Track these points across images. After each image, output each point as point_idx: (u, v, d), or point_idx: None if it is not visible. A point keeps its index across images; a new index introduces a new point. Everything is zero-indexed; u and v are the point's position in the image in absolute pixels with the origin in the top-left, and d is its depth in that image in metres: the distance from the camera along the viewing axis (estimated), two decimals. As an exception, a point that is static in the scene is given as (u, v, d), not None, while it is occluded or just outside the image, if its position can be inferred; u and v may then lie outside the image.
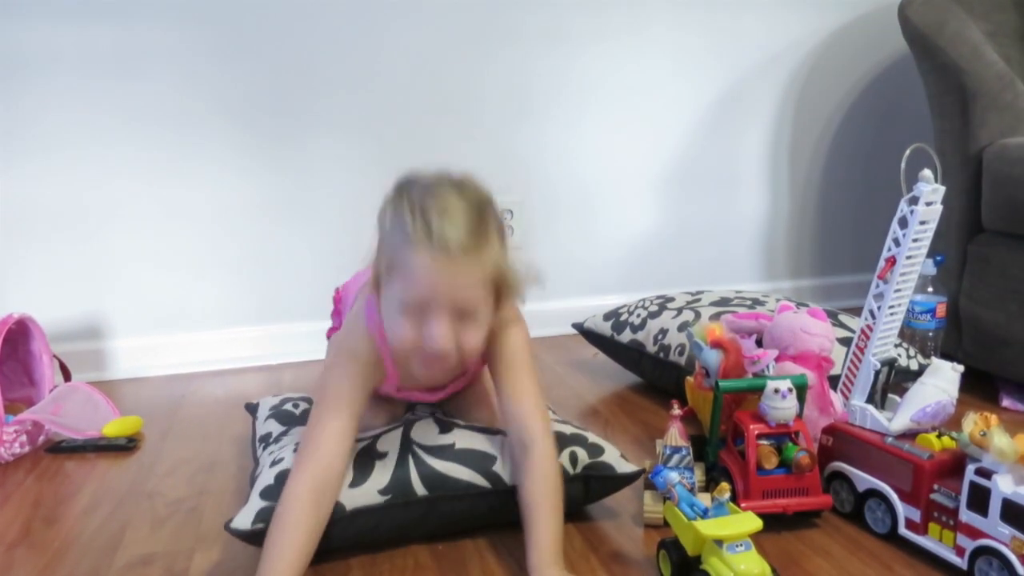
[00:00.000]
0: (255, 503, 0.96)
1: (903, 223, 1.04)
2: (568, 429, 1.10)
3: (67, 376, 1.54)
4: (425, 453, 1.02)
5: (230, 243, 1.84)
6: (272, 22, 1.78)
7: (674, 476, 0.94)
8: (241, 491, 1.17)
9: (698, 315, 1.53)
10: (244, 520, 0.94)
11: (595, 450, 1.07)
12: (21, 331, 1.46)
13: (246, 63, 1.79)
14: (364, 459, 1.01)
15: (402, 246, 0.90)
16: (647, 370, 1.59)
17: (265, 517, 0.93)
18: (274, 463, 1.02)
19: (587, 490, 1.06)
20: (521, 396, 1.02)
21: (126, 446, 1.39)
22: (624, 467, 1.07)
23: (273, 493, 0.95)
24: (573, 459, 1.05)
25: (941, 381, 1.04)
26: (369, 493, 0.98)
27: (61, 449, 1.38)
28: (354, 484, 0.98)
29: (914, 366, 1.44)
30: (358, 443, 1.04)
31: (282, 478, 0.97)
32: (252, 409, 1.36)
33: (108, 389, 1.61)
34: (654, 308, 1.62)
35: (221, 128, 1.80)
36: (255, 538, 0.93)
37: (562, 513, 0.96)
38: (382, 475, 0.99)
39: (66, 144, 1.72)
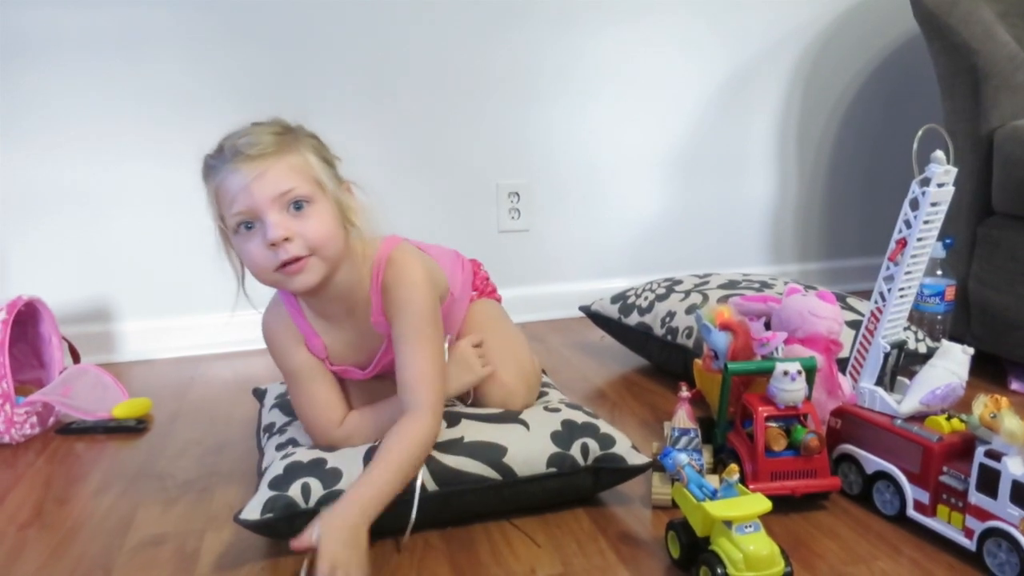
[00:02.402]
0: (263, 493, 0.96)
1: (914, 205, 1.03)
2: (580, 417, 1.09)
3: (76, 358, 1.55)
4: (434, 449, 1.01)
5: (237, 226, 1.84)
6: (277, 3, 1.77)
7: (683, 458, 0.94)
8: (250, 473, 1.17)
9: (706, 298, 1.53)
10: (253, 511, 0.94)
11: (606, 441, 1.06)
12: (30, 313, 1.46)
13: (251, 45, 1.78)
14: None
15: (215, 178, 0.96)
16: (654, 353, 1.59)
17: (273, 507, 0.93)
18: (285, 456, 1.02)
19: (596, 480, 1.06)
20: (410, 364, 1.00)
21: (136, 428, 1.40)
22: (635, 459, 1.06)
23: (282, 484, 0.96)
24: (584, 451, 1.04)
25: (951, 363, 1.04)
26: None
27: (71, 430, 1.39)
28: None
29: (922, 349, 1.43)
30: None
31: (292, 469, 0.97)
32: (260, 395, 1.36)
33: (117, 371, 1.62)
34: (661, 291, 1.62)
35: (227, 110, 1.77)
36: (264, 528, 0.94)
37: (402, 484, 0.94)
38: None
39: (72, 126, 1.72)
